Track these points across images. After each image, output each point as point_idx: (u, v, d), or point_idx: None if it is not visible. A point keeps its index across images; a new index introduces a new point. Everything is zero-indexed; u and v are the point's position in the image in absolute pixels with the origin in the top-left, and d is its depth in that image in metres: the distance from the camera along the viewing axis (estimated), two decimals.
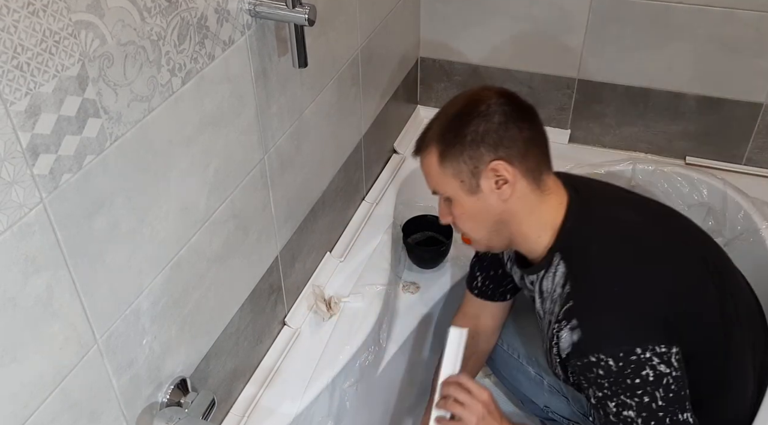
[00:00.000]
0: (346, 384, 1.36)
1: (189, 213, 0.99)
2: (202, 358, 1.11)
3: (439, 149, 1.07)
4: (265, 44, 1.09)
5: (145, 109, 0.85)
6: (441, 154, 1.07)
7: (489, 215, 1.09)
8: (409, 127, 1.97)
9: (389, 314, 1.49)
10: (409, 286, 1.60)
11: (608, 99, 1.85)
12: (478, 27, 1.85)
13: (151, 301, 0.95)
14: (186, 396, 1.06)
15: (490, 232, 1.12)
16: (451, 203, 1.11)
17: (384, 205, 1.72)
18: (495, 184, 1.05)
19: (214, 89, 0.99)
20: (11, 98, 0.66)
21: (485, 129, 1.04)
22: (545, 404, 1.43)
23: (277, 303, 1.35)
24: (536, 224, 1.08)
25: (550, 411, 1.43)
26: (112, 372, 0.90)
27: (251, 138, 1.12)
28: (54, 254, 0.75)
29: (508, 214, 1.08)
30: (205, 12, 0.93)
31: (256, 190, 1.17)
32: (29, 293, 0.73)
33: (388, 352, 1.47)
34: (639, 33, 1.72)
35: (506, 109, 1.05)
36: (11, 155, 0.67)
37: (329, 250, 1.56)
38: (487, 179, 1.05)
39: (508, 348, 1.45)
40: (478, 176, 1.05)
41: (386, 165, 1.84)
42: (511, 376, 1.48)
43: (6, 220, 0.68)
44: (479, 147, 1.04)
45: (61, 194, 0.74)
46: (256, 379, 1.31)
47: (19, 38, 0.65)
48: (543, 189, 1.08)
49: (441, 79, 1.99)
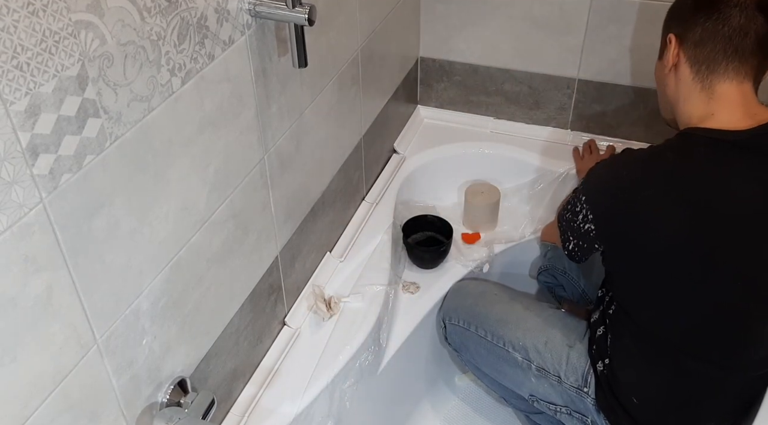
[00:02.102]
0: (346, 384, 1.36)
1: (189, 213, 0.99)
2: (202, 358, 1.11)
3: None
4: (265, 44, 1.09)
5: (145, 109, 0.85)
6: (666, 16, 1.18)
7: (662, 83, 1.21)
8: (409, 127, 1.97)
9: (389, 315, 1.49)
10: (409, 286, 1.60)
11: (609, 99, 1.85)
12: (478, 27, 1.85)
13: (151, 301, 0.95)
14: (186, 396, 1.06)
15: (662, 100, 1.24)
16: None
17: (384, 205, 1.72)
18: (669, 57, 1.14)
19: (214, 89, 0.99)
20: (11, 98, 0.66)
21: (679, 5, 1.15)
22: (531, 392, 1.41)
23: (277, 303, 1.35)
24: (683, 112, 1.16)
25: (536, 400, 1.41)
26: (112, 372, 0.90)
27: (251, 138, 1.12)
28: (54, 254, 0.75)
29: (671, 92, 1.18)
30: (205, 12, 0.93)
31: (256, 190, 1.17)
32: (29, 293, 0.73)
33: (388, 352, 1.47)
34: (639, 33, 1.72)
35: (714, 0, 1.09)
36: (11, 155, 0.67)
37: (329, 250, 1.56)
38: (667, 50, 1.15)
39: (492, 338, 1.43)
40: (664, 44, 1.16)
41: (386, 165, 1.84)
42: (494, 370, 1.47)
43: (6, 220, 0.68)
44: (672, 18, 1.16)
45: (61, 194, 0.74)
46: (256, 379, 1.30)
47: (18, 38, 0.65)
48: (705, 86, 1.12)
49: (441, 79, 1.99)
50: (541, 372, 1.37)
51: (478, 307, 1.48)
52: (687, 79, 1.13)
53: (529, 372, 1.39)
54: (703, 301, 1.12)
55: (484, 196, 1.76)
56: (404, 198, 1.78)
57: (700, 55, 1.11)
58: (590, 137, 1.92)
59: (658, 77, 1.24)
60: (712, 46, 1.09)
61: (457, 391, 1.75)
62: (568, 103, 1.90)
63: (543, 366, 1.37)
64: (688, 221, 1.08)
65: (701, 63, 1.11)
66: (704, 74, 1.11)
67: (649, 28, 1.71)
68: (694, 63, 1.12)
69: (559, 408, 1.37)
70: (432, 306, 1.57)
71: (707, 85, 1.12)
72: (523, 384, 1.42)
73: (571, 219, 1.25)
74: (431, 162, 1.88)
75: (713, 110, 1.12)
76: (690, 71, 1.13)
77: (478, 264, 1.66)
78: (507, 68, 1.90)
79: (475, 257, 1.67)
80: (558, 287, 1.64)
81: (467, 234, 1.75)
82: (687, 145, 1.13)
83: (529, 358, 1.38)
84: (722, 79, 1.10)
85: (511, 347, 1.41)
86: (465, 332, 1.48)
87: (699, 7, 1.11)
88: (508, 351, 1.42)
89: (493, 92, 1.95)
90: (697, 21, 1.10)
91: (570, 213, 1.25)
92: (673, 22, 1.17)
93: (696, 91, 1.13)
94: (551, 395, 1.38)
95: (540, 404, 1.40)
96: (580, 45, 1.79)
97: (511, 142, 1.92)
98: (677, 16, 1.16)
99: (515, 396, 1.49)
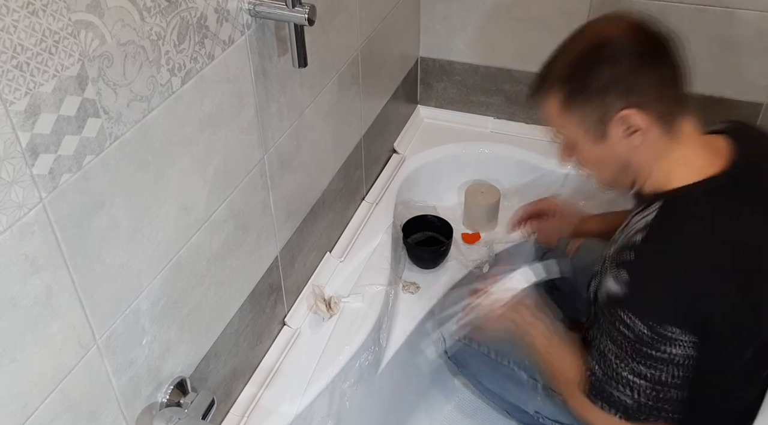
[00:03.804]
0: (346, 384, 1.36)
1: (189, 213, 0.99)
2: (202, 358, 1.11)
3: (561, 96, 1.01)
4: (264, 44, 1.09)
5: (145, 109, 0.85)
6: (564, 101, 1.01)
7: (615, 161, 1.04)
8: (409, 127, 1.97)
9: (389, 314, 1.49)
10: (409, 286, 1.60)
11: None
12: (479, 26, 1.85)
13: (151, 301, 0.94)
14: (186, 397, 1.06)
15: (615, 175, 1.08)
16: (572, 147, 1.07)
17: (384, 205, 1.72)
18: (624, 132, 0.99)
19: (214, 89, 0.98)
20: (11, 98, 0.65)
21: (613, 76, 0.96)
22: (536, 410, 1.38)
23: (276, 303, 1.35)
24: (660, 170, 1.03)
25: (541, 417, 1.38)
26: (112, 372, 0.90)
27: (251, 138, 1.11)
28: (53, 254, 0.75)
29: (635, 159, 1.03)
30: (204, 12, 0.93)
31: (255, 190, 1.17)
32: (29, 293, 0.73)
33: (388, 352, 1.47)
34: None
35: (637, 49, 0.97)
36: (11, 155, 0.67)
37: (329, 250, 1.56)
38: (616, 127, 0.99)
39: (496, 356, 1.40)
40: (605, 124, 0.99)
41: (386, 165, 1.84)
42: (498, 387, 1.43)
43: (5, 220, 0.68)
44: (607, 95, 0.97)
45: (61, 194, 0.74)
46: (256, 379, 1.30)
47: (18, 38, 0.65)
48: (675, 135, 1.01)
49: (441, 79, 1.99)
50: (549, 391, 1.33)
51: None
52: (656, 139, 1.01)
53: (536, 391, 1.36)
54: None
55: (484, 196, 1.76)
56: (404, 198, 1.78)
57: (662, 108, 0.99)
58: None
59: (604, 157, 1.05)
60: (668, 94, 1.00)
61: (457, 392, 1.75)
62: None
63: (551, 385, 1.32)
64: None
65: (666, 115, 1.00)
66: (670, 125, 1.01)
67: None
68: (659, 121, 0.99)
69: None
70: (432, 306, 1.57)
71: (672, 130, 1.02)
72: (529, 401, 1.38)
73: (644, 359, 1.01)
74: (431, 162, 1.88)
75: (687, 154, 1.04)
76: (658, 129, 1.00)
77: (478, 264, 1.66)
78: (507, 68, 1.90)
79: (475, 257, 1.67)
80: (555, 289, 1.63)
81: (467, 234, 1.75)
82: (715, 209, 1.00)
83: (535, 377, 1.35)
84: (682, 116, 1.03)
85: (516, 366, 1.37)
86: (466, 348, 1.44)
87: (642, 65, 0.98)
88: (513, 369, 1.38)
89: (493, 92, 1.95)
90: (642, 80, 0.98)
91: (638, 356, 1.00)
92: (611, 97, 0.98)
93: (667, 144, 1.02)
94: (557, 413, 1.35)
95: (546, 421, 1.38)
96: None
97: (511, 142, 1.92)
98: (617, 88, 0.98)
99: (519, 410, 1.47)
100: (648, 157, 1.02)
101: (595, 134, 1.01)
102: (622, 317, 0.99)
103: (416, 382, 1.67)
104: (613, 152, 1.03)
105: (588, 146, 1.04)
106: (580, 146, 1.05)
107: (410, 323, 1.52)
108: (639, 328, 0.97)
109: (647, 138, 0.99)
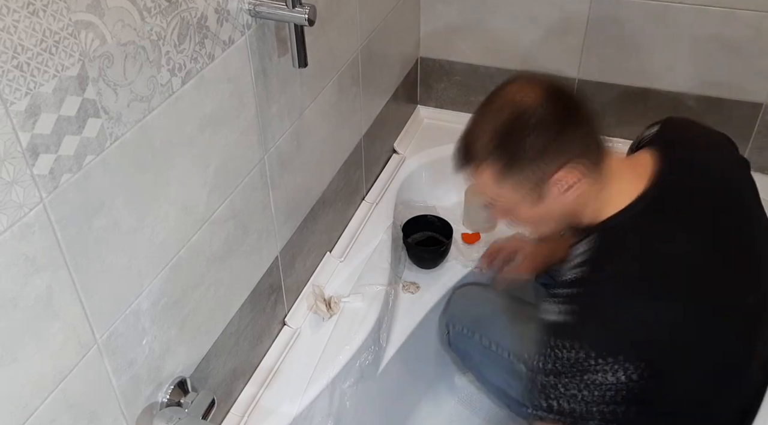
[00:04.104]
0: (346, 384, 1.36)
1: (189, 213, 0.99)
2: (202, 358, 1.11)
3: (494, 168, 1.03)
4: (265, 44, 1.09)
5: (145, 109, 0.85)
6: (498, 172, 1.03)
7: (553, 216, 1.08)
8: (409, 127, 1.97)
9: (389, 314, 1.49)
10: (409, 286, 1.60)
11: (608, 99, 1.85)
12: (478, 27, 1.85)
13: (151, 301, 0.95)
14: (186, 396, 1.06)
15: (553, 226, 1.12)
16: (508, 211, 1.10)
17: (384, 205, 1.72)
18: (560, 190, 1.03)
19: (214, 89, 0.99)
20: (11, 98, 0.66)
21: (544, 143, 1.00)
22: None
23: (277, 303, 1.35)
24: (593, 209, 1.07)
25: None
26: (112, 372, 0.90)
27: (251, 138, 1.12)
28: (54, 254, 0.75)
29: (572, 208, 1.06)
30: (205, 12, 0.93)
31: (256, 190, 1.17)
32: (29, 293, 0.73)
33: (388, 352, 1.47)
34: (639, 33, 1.72)
35: (557, 113, 1.01)
36: (11, 155, 0.67)
37: (329, 250, 1.56)
38: (552, 188, 1.02)
39: (497, 349, 1.41)
40: (541, 187, 1.02)
41: (386, 165, 1.84)
42: (498, 379, 1.44)
43: (6, 220, 0.68)
44: (541, 162, 1.00)
45: (61, 194, 0.74)
46: (256, 379, 1.31)
47: (19, 38, 0.65)
48: (604, 175, 1.05)
49: (441, 79, 1.99)
50: None
51: (484, 315, 1.46)
52: (588, 187, 1.04)
53: None
54: None
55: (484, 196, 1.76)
56: (404, 198, 1.78)
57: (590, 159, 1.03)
58: None
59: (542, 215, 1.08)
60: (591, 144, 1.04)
61: (457, 391, 1.75)
62: None
63: None
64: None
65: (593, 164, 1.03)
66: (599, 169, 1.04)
67: (649, 28, 1.71)
68: (588, 171, 1.02)
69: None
70: (432, 306, 1.57)
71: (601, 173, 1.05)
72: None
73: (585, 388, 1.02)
74: (431, 162, 1.88)
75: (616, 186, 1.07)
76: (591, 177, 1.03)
77: (478, 264, 1.66)
78: (507, 68, 1.89)
79: (475, 257, 1.67)
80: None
81: (467, 234, 1.75)
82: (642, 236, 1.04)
83: None
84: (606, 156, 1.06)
85: (516, 359, 1.39)
86: (469, 340, 1.46)
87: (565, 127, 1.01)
88: (513, 362, 1.39)
89: None
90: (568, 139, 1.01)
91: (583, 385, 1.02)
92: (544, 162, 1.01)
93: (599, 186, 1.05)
94: None
95: None
96: (580, 45, 1.79)
97: None
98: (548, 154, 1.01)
99: (518, 404, 1.48)
100: (583, 203, 1.06)
101: (532, 197, 1.04)
102: (560, 343, 1.01)
103: (416, 382, 1.67)
104: (550, 209, 1.06)
105: (525, 208, 1.07)
106: (517, 210, 1.09)
107: (410, 323, 1.52)
108: (577, 355, 0.99)
109: (581, 189, 1.03)
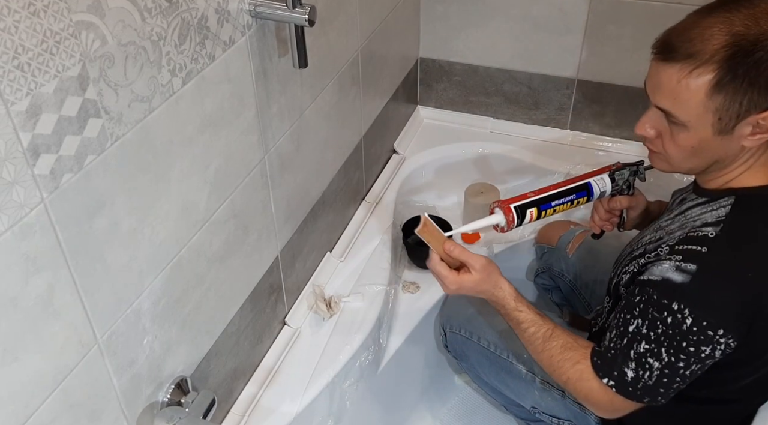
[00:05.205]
0: (346, 384, 1.36)
1: (189, 213, 0.99)
2: (203, 358, 1.12)
3: (714, 77, 0.89)
4: (265, 45, 1.09)
5: (146, 109, 0.85)
6: (715, 85, 0.89)
7: (714, 154, 0.97)
8: (409, 127, 1.97)
9: (389, 314, 1.50)
10: (409, 286, 1.60)
11: (608, 99, 1.85)
12: (478, 27, 1.85)
13: (152, 301, 0.95)
14: (186, 396, 1.06)
15: (698, 164, 1.00)
16: (678, 128, 0.96)
17: (384, 205, 1.72)
18: (750, 132, 0.93)
19: (215, 90, 0.99)
20: (12, 98, 0.66)
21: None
22: (533, 404, 1.38)
23: (277, 303, 1.35)
24: (740, 169, 0.98)
25: (537, 412, 1.38)
26: (113, 372, 0.90)
27: (251, 138, 1.12)
28: (55, 254, 0.76)
29: (734, 155, 0.97)
30: (205, 12, 0.93)
31: (256, 190, 1.17)
32: (30, 293, 0.73)
33: (388, 352, 1.47)
34: (638, 33, 1.72)
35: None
36: (12, 155, 0.67)
37: (329, 250, 1.56)
38: (747, 125, 0.92)
39: (495, 349, 1.40)
40: (739, 120, 0.91)
41: (386, 165, 1.84)
42: (496, 380, 1.44)
43: (7, 220, 0.68)
44: (757, 92, 0.89)
45: (62, 194, 0.75)
46: (257, 379, 1.31)
47: (20, 39, 0.65)
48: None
49: (441, 79, 1.99)
50: (546, 385, 1.34)
51: (480, 316, 1.45)
52: (766, 143, 0.96)
53: (533, 385, 1.36)
54: None
55: (484, 196, 1.76)
56: (404, 198, 1.79)
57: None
58: (589, 136, 1.92)
59: (709, 148, 0.97)
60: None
61: (457, 391, 1.76)
62: (567, 103, 1.90)
63: (547, 379, 1.33)
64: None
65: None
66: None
67: (649, 28, 1.71)
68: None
69: (562, 422, 1.34)
70: (432, 306, 1.57)
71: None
72: (526, 395, 1.39)
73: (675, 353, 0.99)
74: (431, 162, 1.88)
75: None
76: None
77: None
78: (506, 69, 1.90)
79: None
80: (555, 289, 1.63)
81: (467, 234, 1.75)
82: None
83: (533, 371, 1.35)
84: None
85: (514, 358, 1.38)
86: (466, 341, 1.45)
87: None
88: (512, 362, 1.38)
89: (492, 93, 1.96)
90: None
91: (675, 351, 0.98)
92: (760, 95, 0.90)
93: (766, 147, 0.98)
94: (554, 408, 1.35)
95: (542, 416, 1.38)
96: (580, 45, 1.79)
97: (511, 142, 1.92)
98: (765, 87, 0.90)
99: (516, 405, 1.47)
100: (746, 157, 0.98)
101: (724, 126, 0.93)
102: (672, 306, 0.96)
103: (416, 381, 1.67)
104: (722, 147, 0.95)
105: (706, 134, 0.94)
106: (694, 133, 0.95)
107: (410, 323, 1.52)
108: (688, 323, 0.95)
109: (762, 141, 0.94)
